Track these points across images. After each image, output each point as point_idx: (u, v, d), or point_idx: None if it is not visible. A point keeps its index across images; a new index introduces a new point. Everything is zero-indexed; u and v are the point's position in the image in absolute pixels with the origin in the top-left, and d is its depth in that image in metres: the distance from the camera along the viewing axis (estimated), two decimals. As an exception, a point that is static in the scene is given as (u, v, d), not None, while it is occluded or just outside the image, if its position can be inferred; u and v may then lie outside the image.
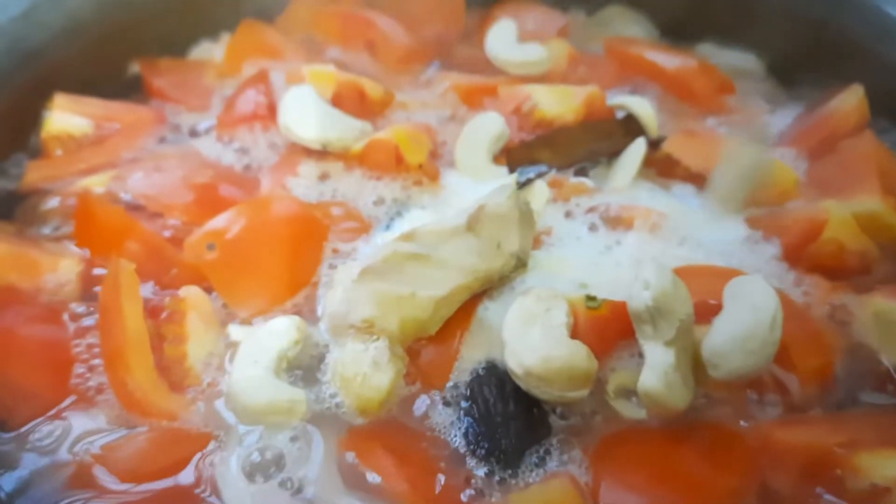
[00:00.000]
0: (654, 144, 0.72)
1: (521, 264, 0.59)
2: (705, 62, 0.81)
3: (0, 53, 0.72)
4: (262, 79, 0.75)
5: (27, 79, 0.74)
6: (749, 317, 0.53)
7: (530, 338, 0.53)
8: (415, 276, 0.58)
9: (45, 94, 0.74)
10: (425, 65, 0.84)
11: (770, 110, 0.79)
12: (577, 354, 0.52)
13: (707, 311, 0.55)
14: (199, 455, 0.52)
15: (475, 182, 0.69)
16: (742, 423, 0.54)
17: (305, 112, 0.70)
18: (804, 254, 0.63)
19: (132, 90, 0.80)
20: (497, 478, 0.51)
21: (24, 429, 0.54)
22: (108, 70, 0.80)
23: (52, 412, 0.54)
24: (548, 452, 0.52)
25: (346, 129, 0.70)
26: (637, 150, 0.69)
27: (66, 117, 0.73)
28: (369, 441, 0.52)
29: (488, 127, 0.71)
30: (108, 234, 0.63)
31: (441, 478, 0.51)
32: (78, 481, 0.51)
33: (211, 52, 0.84)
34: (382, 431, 0.53)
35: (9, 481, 0.52)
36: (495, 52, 0.81)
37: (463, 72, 0.83)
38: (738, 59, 0.84)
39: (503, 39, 0.81)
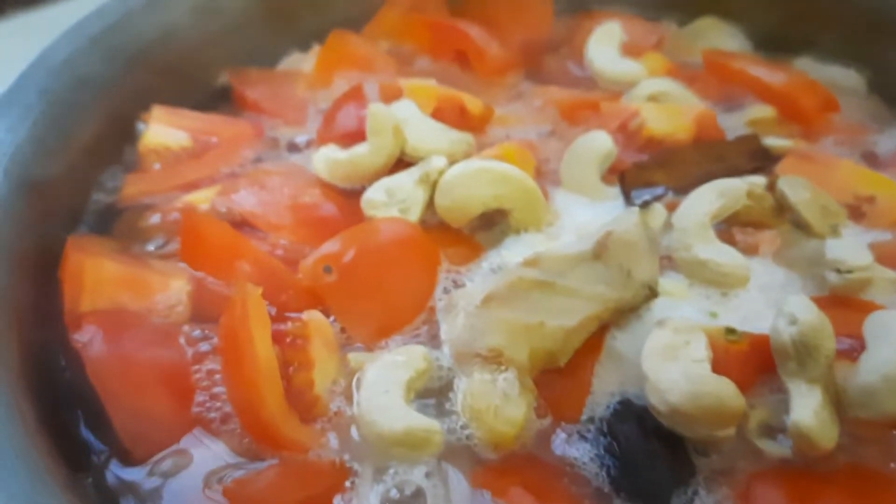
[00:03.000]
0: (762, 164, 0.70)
1: (652, 294, 0.57)
2: (809, 77, 0.79)
3: (97, 64, 0.70)
4: (358, 93, 0.73)
5: (121, 90, 0.72)
6: (897, 354, 0.51)
7: (672, 373, 0.51)
8: (542, 305, 0.56)
9: (139, 105, 0.73)
10: (516, 77, 0.83)
11: (878, 129, 0.77)
12: (725, 391, 0.50)
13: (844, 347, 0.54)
14: (335, 490, 0.50)
15: (586, 202, 0.67)
16: (891, 464, 0.51)
17: (412, 127, 0.68)
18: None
19: (221, 101, 0.79)
20: (647, 520, 0.49)
21: (151, 461, 0.52)
22: (198, 81, 0.79)
23: (178, 444, 0.52)
24: (695, 492, 0.50)
25: (455, 143, 0.68)
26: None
27: (163, 130, 0.71)
28: (507, 478, 0.51)
29: (597, 145, 0.69)
30: (219, 254, 0.62)
31: (587, 518, 0.49)
32: (207, 515, 0.50)
33: (300, 62, 0.82)
34: (519, 467, 0.52)
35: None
36: (597, 63, 0.79)
37: (553, 84, 0.81)
38: (838, 76, 0.82)
39: (605, 50, 0.79)
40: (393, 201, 0.65)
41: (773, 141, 0.72)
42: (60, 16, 0.71)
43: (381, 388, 0.53)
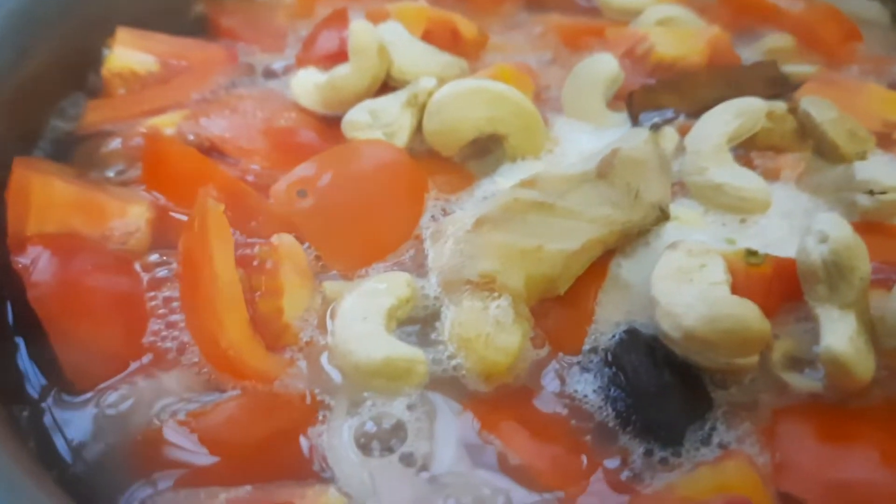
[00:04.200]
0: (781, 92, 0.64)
1: (664, 216, 0.51)
2: (829, 5, 0.73)
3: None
4: (341, 17, 0.68)
5: (85, 14, 0.67)
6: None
7: (687, 296, 0.46)
8: (540, 228, 0.50)
9: (105, 31, 0.67)
10: (515, 6, 0.77)
11: (905, 58, 0.71)
12: (748, 313, 0.44)
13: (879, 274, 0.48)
14: (304, 423, 0.44)
15: (590, 129, 0.62)
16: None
17: (400, 49, 0.62)
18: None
19: (196, 32, 0.73)
20: (658, 457, 0.43)
21: (94, 391, 0.46)
22: (170, 9, 0.73)
23: (126, 373, 0.47)
24: (713, 428, 0.44)
25: (446, 67, 0.62)
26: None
27: (129, 53, 0.65)
28: (499, 411, 0.45)
29: (601, 69, 0.63)
30: (183, 178, 0.56)
31: (587, 456, 0.43)
32: (159, 452, 0.44)
33: (280, -7, 0.76)
34: (513, 401, 0.46)
35: (79, 450, 0.44)
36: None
37: (554, 12, 0.75)
38: (860, 7, 0.76)
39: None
40: (377, 124, 0.59)
41: (792, 67, 0.66)
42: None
43: (359, 315, 0.48)
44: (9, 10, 0.60)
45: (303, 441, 0.44)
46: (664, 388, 0.45)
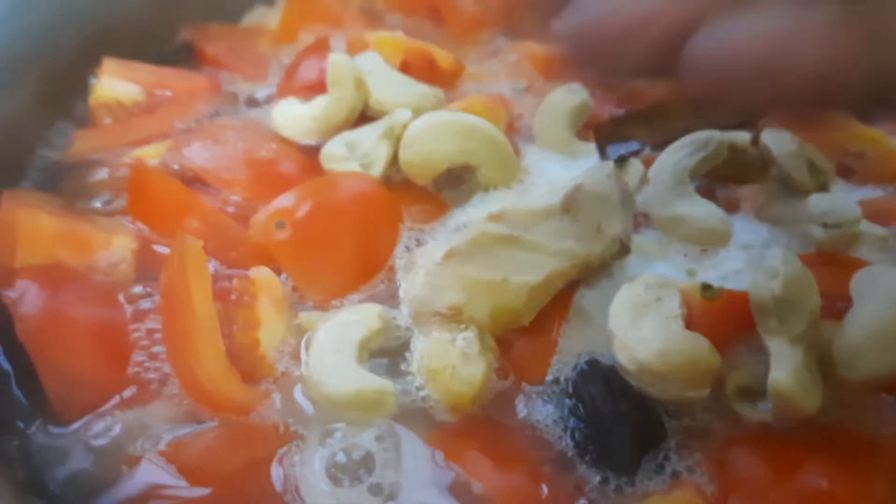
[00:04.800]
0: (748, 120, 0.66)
1: (624, 250, 0.53)
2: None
3: (45, 14, 0.67)
4: (323, 46, 0.69)
5: (72, 44, 0.69)
6: (886, 311, 0.47)
7: (642, 330, 0.48)
8: (506, 261, 0.52)
9: (91, 60, 0.69)
10: (492, 33, 0.79)
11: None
12: (699, 348, 0.46)
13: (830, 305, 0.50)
14: (278, 454, 0.46)
15: (559, 158, 0.64)
16: (879, 429, 0.48)
17: (377, 80, 0.64)
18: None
19: (181, 58, 0.75)
20: (612, 486, 0.45)
21: (80, 422, 0.48)
22: (156, 36, 0.75)
23: (111, 404, 0.49)
24: (666, 458, 0.46)
25: (421, 98, 0.64)
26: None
27: (115, 83, 0.68)
28: (463, 441, 0.47)
29: (570, 98, 0.65)
30: (167, 210, 0.58)
31: (547, 485, 0.45)
32: (140, 482, 0.46)
33: (265, 17, 0.79)
34: (477, 431, 0.48)
35: (65, 480, 0.47)
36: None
37: (531, 40, 0.77)
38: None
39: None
40: (354, 155, 0.61)
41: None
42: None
43: (332, 346, 0.50)
44: (-2, 42, 0.62)
45: (276, 471, 0.46)
46: (620, 418, 0.47)
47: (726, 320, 0.50)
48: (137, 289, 0.54)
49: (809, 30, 0.32)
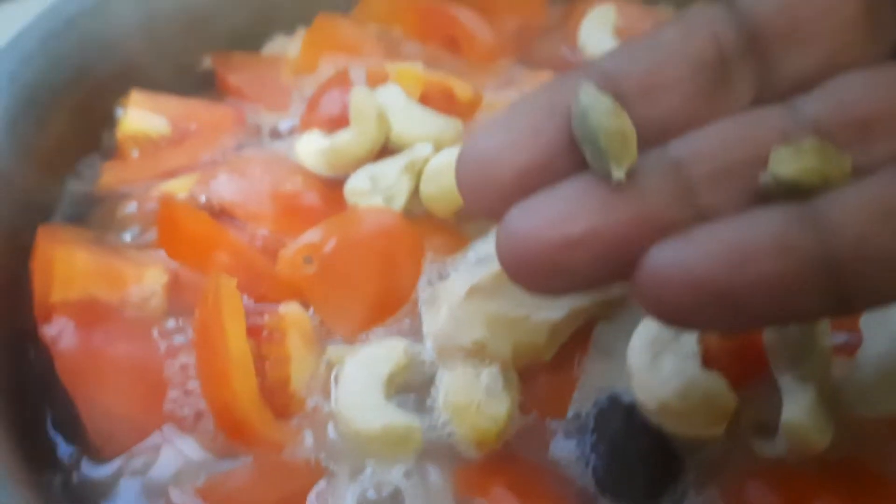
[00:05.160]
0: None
1: (642, 286, 0.55)
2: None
3: (73, 48, 0.68)
4: (344, 78, 0.71)
5: (99, 75, 0.71)
6: (894, 350, 0.49)
7: (661, 368, 0.50)
8: (528, 298, 0.52)
9: (118, 91, 0.71)
10: (508, 62, 0.80)
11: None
12: (717, 388, 0.48)
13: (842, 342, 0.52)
14: (311, 490, 0.48)
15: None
16: (889, 465, 0.50)
17: (398, 113, 0.66)
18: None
19: (204, 87, 0.77)
20: (633, 521, 0.47)
21: (120, 458, 0.50)
22: (180, 66, 0.77)
23: (148, 441, 0.51)
24: (684, 493, 0.48)
25: (441, 130, 0.66)
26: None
27: (142, 116, 0.69)
28: (489, 477, 0.49)
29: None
30: (196, 244, 0.60)
31: (570, 520, 0.47)
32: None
33: (285, 47, 0.80)
34: (502, 466, 0.50)
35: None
36: (590, 48, 0.77)
37: (546, 69, 0.79)
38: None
39: (599, 35, 0.77)
40: (377, 189, 0.63)
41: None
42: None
43: (360, 383, 0.52)
44: (25, 82, 0.64)
45: (311, 507, 0.48)
46: (640, 454, 0.49)
47: (741, 358, 0.52)
48: (170, 323, 0.56)
49: (764, 244, 0.31)
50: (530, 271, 0.33)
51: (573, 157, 0.33)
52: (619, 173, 0.32)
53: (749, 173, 0.34)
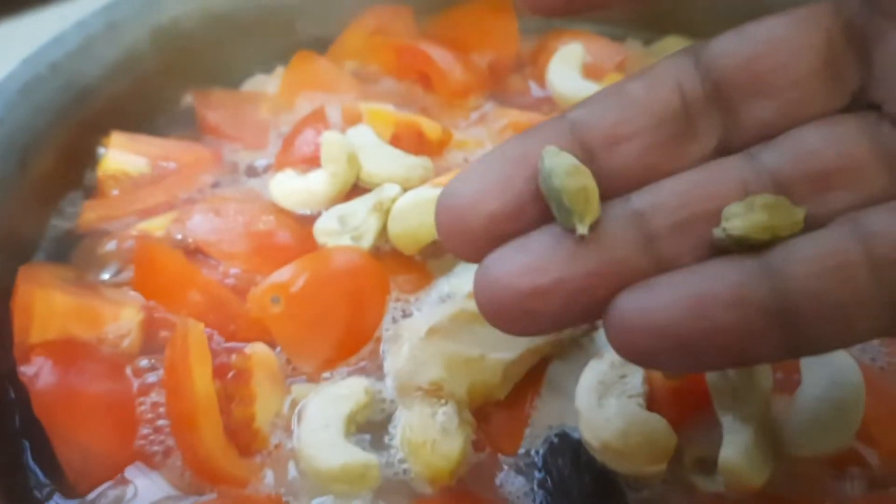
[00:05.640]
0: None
1: (592, 327, 0.57)
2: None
3: (56, 90, 0.71)
4: (319, 117, 0.74)
5: (82, 115, 0.73)
6: (831, 392, 0.52)
7: (606, 409, 0.52)
8: (483, 337, 0.56)
9: (100, 130, 0.74)
10: (480, 99, 0.83)
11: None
12: (657, 429, 0.51)
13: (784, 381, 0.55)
14: (271, 526, 0.51)
15: (538, 230, 0.68)
16: (823, 499, 0.52)
17: (368, 154, 0.69)
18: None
19: (185, 123, 0.80)
20: (576, 557, 0.50)
21: (94, 493, 0.53)
22: (161, 103, 0.80)
23: (120, 476, 0.53)
24: (626, 529, 0.50)
25: (410, 169, 0.68)
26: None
27: (122, 156, 0.72)
28: (442, 513, 0.51)
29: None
30: (170, 283, 0.62)
31: (516, 555, 0.50)
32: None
33: (264, 84, 0.83)
34: (455, 502, 0.52)
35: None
36: (557, 85, 0.79)
37: (516, 105, 0.82)
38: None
39: (567, 72, 0.80)
40: (346, 229, 0.66)
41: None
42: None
43: (321, 422, 0.54)
44: (8, 127, 0.66)
45: (269, 542, 0.50)
46: (584, 492, 0.51)
47: (685, 397, 0.54)
48: (143, 362, 0.58)
49: (721, 294, 0.33)
50: (505, 316, 0.35)
51: (542, 204, 0.35)
52: (582, 229, 0.35)
53: (708, 225, 0.36)
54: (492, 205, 0.35)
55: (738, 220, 0.35)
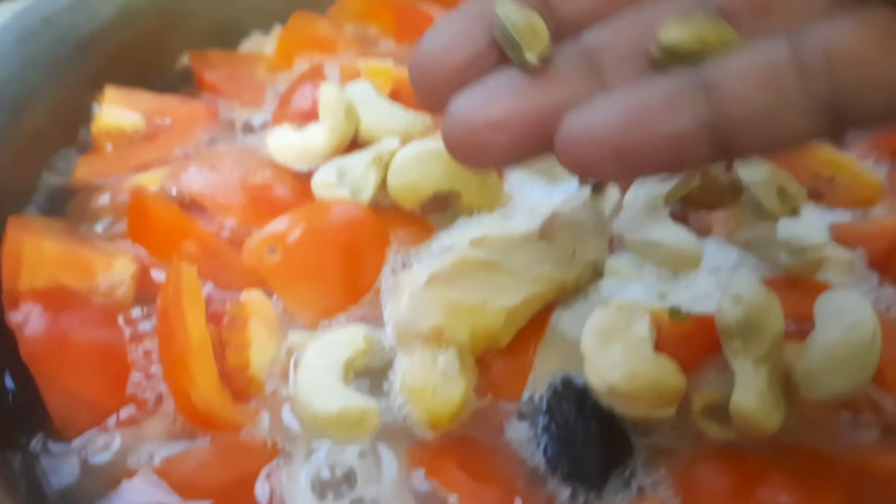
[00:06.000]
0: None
1: (597, 274, 0.56)
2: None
3: (50, 45, 0.70)
4: (317, 74, 0.72)
5: (76, 71, 0.72)
6: (846, 336, 0.50)
7: (613, 353, 0.50)
8: (485, 285, 0.55)
9: (95, 86, 0.72)
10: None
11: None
12: (665, 371, 0.49)
13: (796, 327, 0.53)
14: (265, 469, 0.49)
15: (541, 183, 0.66)
16: (836, 446, 0.50)
17: (367, 108, 0.67)
18: (893, 264, 0.60)
19: (182, 83, 0.78)
20: (581, 499, 0.48)
21: (80, 439, 0.51)
22: (157, 62, 0.78)
23: (109, 422, 0.52)
24: (633, 473, 0.49)
25: (409, 124, 0.67)
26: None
27: (117, 111, 0.71)
28: (442, 457, 0.50)
29: (554, 126, 0.68)
30: (164, 234, 0.61)
31: (520, 498, 0.48)
32: (135, 496, 0.49)
33: (262, 44, 0.82)
34: (455, 447, 0.51)
35: (64, 493, 0.49)
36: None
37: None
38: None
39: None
40: (344, 182, 0.64)
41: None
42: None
43: (319, 367, 0.53)
44: (2, 78, 0.65)
45: (263, 486, 0.49)
46: (590, 436, 0.50)
47: (694, 342, 0.53)
48: (136, 311, 0.57)
49: (655, 105, 0.35)
50: (464, 149, 0.37)
51: (500, 52, 0.37)
52: (531, 58, 0.37)
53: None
54: (455, 57, 0.37)
55: (673, 31, 0.37)
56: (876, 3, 0.36)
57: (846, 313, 0.51)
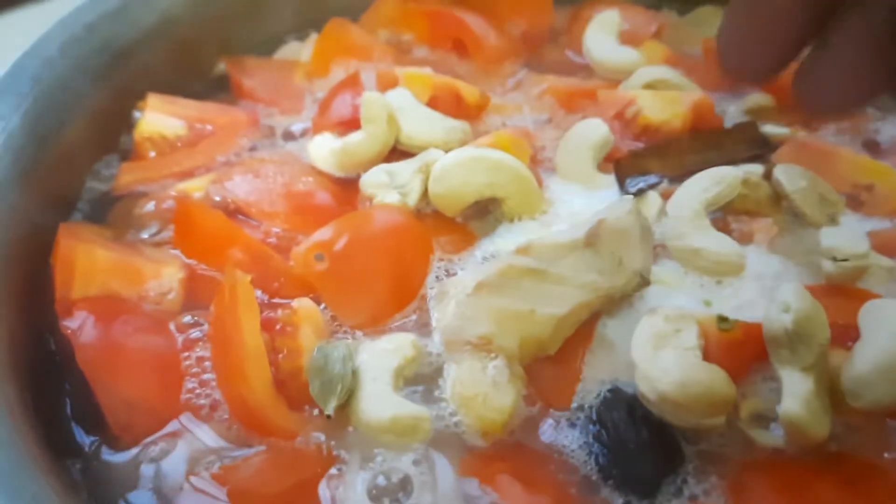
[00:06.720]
0: (761, 152, 0.69)
1: (644, 282, 0.56)
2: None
3: (93, 52, 0.70)
4: (355, 81, 0.73)
5: (118, 78, 0.72)
6: (892, 344, 0.50)
7: (663, 361, 0.51)
8: (533, 293, 0.55)
9: (135, 93, 0.73)
10: (515, 66, 0.82)
11: (880, 117, 0.75)
12: (716, 379, 0.50)
13: (839, 335, 0.53)
14: (323, 477, 0.50)
15: (580, 190, 0.67)
16: (883, 454, 0.51)
17: (407, 116, 0.68)
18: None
19: (219, 90, 0.79)
20: (635, 508, 0.49)
21: (138, 447, 0.52)
22: (195, 69, 0.79)
23: (165, 430, 0.53)
24: (684, 481, 0.50)
25: (449, 132, 0.68)
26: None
27: (159, 118, 0.71)
28: (494, 465, 0.51)
29: (592, 133, 0.68)
30: (211, 242, 0.62)
31: (574, 506, 0.49)
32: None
33: (297, 51, 0.82)
34: (507, 455, 0.51)
35: (126, 501, 0.50)
36: (595, 52, 0.78)
37: (553, 72, 0.81)
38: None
39: (604, 39, 0.79)
40: (393, 183, 0.65)
41: (771, 129, 0.71)
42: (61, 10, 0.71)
43: (369, 375, 0.53)
44: (47, 84, 0.66)
45: (322, 493, 0.49)
46: (641, 444, 0.50)
47: (741, 350, 0.53)
48: (186, 318, 0.58)
49: None
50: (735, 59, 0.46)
51: None
52: None
53: None
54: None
55: None
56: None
57: (892, 322, 0.52)
